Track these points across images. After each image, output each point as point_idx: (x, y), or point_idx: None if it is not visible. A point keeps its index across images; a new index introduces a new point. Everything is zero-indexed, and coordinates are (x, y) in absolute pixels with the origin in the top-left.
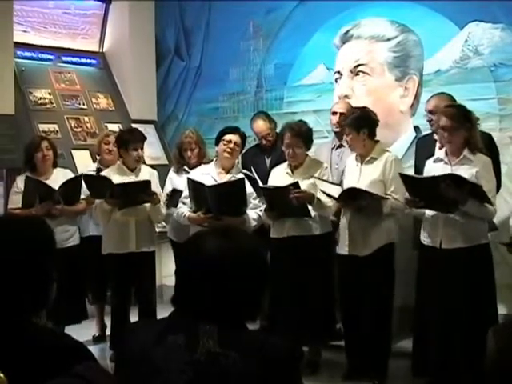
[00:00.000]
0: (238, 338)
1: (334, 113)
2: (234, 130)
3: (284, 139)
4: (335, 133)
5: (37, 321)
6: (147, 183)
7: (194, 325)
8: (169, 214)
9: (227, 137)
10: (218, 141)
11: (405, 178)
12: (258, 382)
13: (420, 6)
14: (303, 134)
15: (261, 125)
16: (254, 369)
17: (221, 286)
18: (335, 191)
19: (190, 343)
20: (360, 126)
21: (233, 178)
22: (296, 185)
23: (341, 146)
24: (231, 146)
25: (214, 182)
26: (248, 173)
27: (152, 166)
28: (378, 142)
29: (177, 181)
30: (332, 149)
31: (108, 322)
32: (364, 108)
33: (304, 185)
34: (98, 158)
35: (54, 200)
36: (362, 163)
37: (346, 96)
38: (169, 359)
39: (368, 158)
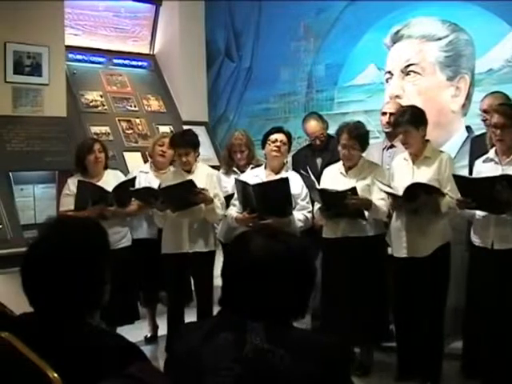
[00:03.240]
0: (285, 336)
1: (384, 113)
2: (279, 130)
3: (341, 139)
4: (386, 133)
5: (90, 321)
6: (190, 183)
7: (241, 323)
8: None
9: (272, 137)
10: (264, 144)
11: (458, 178)
12: (309, 381)
13: (471, 5)
14: (361, 136)
15: (313, 125)
16: (307, 367)
17: (266, 286)
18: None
19: (237, 341)
20: (419, 122)
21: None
22: (354, 190)
23: (392, 146)
24: (278, 144)
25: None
26: (303, 172)
27: None
28: (428, 141)
29: (226, 182)
30: (383, 149)
31: (160, 322)
32: (415, 106)
33: (358, 186)
34: (150, 160)
35: (107, 202)
36: (414, 162)
37: (397, 96)
38: (217, 357)
39: (421, 158)
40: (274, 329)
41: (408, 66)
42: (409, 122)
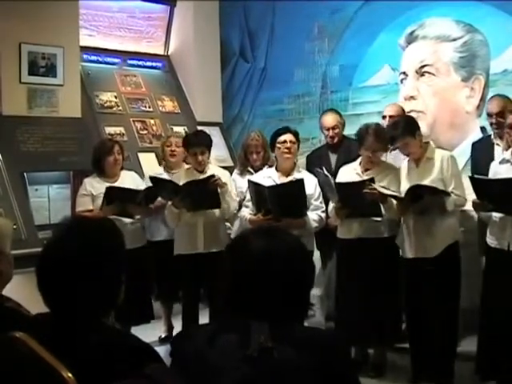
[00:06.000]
0: (289, 333)
1: (384, 117)
2: (286, 130)
3: (365, 142)
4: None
5: (105, 321)
6: (210, 177)
7: (245, 323)
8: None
9: (281, 138)
10: (272, 146)
11: (475, 180)
12: (313, 373)
13: (485, 5)
14: (386, 140)
15: (331, 118)
16: (307, 359)
17: (268, 285)
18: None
19: (242, 341)
20: (413, 130)
21: (292, 179)
22: (372, 180)
23: (395, 148)
24: (287, 145)
25: (273, 184)
26: (318, 170)
27: None
28: (428, 142)
29: (240, 182)
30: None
31: (175, 322)
32: (403, 113)
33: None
34: (163, 162)
35: (135, 201)
36: (417, 166)
37: (412, 97)
38: (223, 358)
39: (424, 160)
40: (279, 327)
41: (423, 66)
42: (405, 133)
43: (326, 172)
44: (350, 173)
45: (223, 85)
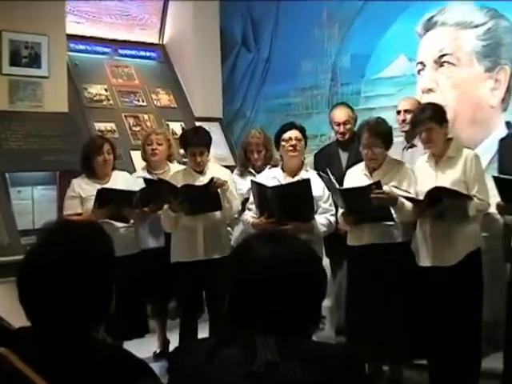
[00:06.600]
0: (297, 348)
1: (399, 111)
2: (291, 126)
3: (362, 139)
4: (404, 132)
5: (95, 335)
6: (210, 182)
7: (248, 337)
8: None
9: (286, 135)
10: (277, 144)
11: (500, 180)
12: None
13: None
14: (383, 133)
15: (339, 112)
16: (315, 377)
17: (274, 294)
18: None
19: (246, 356)
20: (441, 118)
21: (299, 179)
22: (378, 184)
23: (412, 145)
24: (293, 142)
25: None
26: (322, 174)
27: None
28: (451, 139)
29: (241, 184)
30: (403, 149)
31: (171, 336)
32: (435, 103)
33: (384, 189)
34: (145, 162)
35: (132, 204)
36: (436, 164)
37: (430, 90)
38: (224, 374)
39: (444, 158)
40: (286, 342)
41: (442, 56)
42: (431, 119)
43: (331, 176)
44: (358, 174)
45: (224, 77)
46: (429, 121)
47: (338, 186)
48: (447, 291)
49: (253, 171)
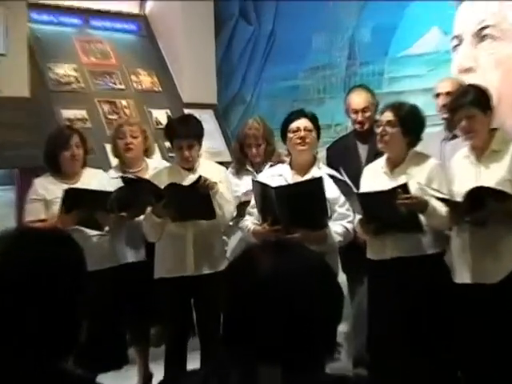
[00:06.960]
0: (308, 381)
1: (438, 94)
2: (299, 114)
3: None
4: (445, 120)
5: (63, 366)
6: (198, 181)
7: (249, 368)
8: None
9: (293, 125)
10: (284, 136)
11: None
12: None
13: None
14: (407, 117)
15: (358, 97)
16: None
17: (279, 317)
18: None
19: None
20: (486, 104)
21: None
22: (405, 188)
23: (454, 136)
24: (302, 134)
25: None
26: (335, 173)
27: None
28: (496, 129)
29: (236, 184)
30: (443, 141)
31: (154, 368)
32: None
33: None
34: (117, 159)
35: (105, 208)
36: (478, 159)
37: (468, 69)
38: None
39: (487, 152)
40: (294, 374)
41: (482, 28)
42: (473, 104)
43: (345, 177)
44: (376, 173)
45: (218, 55)
46: (471, 106)
47: (354, 189)
48: (490, 313)
49: (250, 169)
